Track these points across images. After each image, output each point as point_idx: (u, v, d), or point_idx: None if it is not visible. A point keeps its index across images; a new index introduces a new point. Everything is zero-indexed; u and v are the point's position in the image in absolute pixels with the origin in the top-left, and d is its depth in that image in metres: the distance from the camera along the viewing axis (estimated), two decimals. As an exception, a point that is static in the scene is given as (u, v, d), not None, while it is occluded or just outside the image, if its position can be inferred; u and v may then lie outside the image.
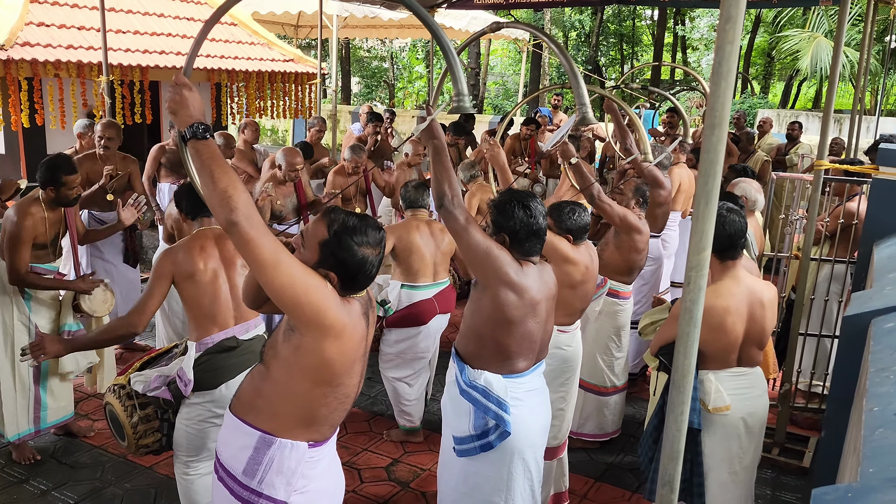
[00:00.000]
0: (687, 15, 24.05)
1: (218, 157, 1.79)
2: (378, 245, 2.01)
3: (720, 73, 1.44)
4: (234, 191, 1.75)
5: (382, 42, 25.61)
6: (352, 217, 2.00)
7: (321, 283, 1.93)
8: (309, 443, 2.11)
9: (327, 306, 1.92)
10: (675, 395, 1.59)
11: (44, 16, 6.95)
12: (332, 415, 2.13)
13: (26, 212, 3.68)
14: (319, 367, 2.00)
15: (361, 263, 1.98)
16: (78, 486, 3.69)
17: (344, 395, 2.12)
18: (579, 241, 3.37)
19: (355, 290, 2.06)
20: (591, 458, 4.17)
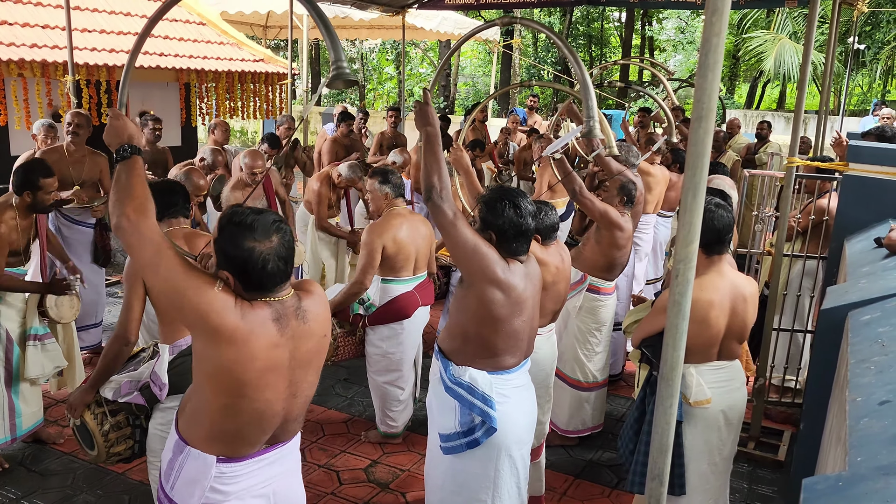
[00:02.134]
0: (655, 17, 24.34)
1: (139, 172, 1.98)
2: (269, 237, 1.86)
3: (706, 64, 1.44)
4: (145, 201, 1.91)
5: (353, 43, 25.50)
6: (242, 211, 1.90)
7: (204, 285, 1.83)
8: (218, 457, 1.99)
9: (210, 309, 1.81)
10: (663, 387, 1.60)
11: (6, 14, 6.78)
12: (244, 430, 1.97)
13: (0, 219, 3.60)
14: (216, 375, 1.89)
15: (248, 258, 1.83)
16: (48, 493, 3.60)
17: (256, 410, 1.93)
18: (548, 241, 3.35)
19: (261, 291, 1.90)
20: (570, 456, 4.18)
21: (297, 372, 1.98)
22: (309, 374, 2.04)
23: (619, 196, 4.13)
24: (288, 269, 1.92)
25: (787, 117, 18.24)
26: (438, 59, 19.92)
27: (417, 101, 2.63)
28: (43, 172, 3.64)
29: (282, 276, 1.91)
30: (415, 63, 26.00)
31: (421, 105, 2.57)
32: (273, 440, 2.08)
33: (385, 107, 13.71)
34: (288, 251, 1.91)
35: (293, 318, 1.95)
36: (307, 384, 2.05)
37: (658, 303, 2.81)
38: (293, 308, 1.96)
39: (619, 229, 4.01)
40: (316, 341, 2.02)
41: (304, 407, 2.10)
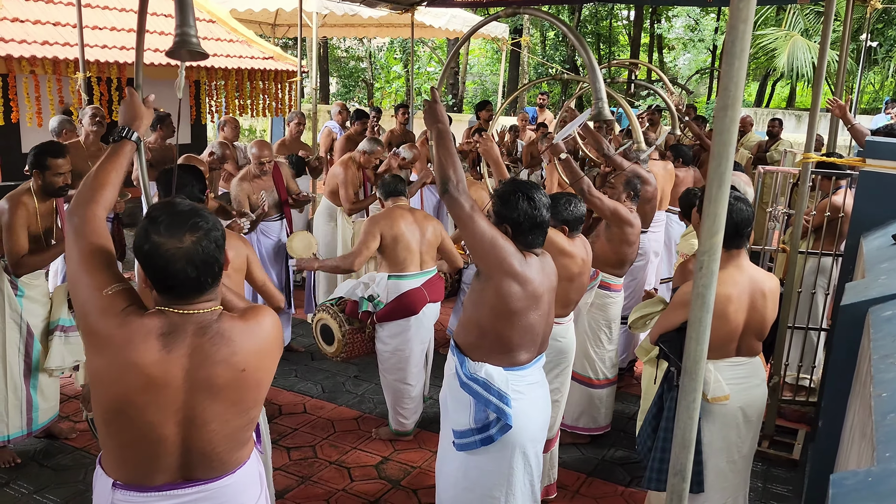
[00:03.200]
0: (664, 15, 24.25)
1: (115, 159, 1.92)
2: (179, 237, 1.64)
3: (733, 52, 1.41)
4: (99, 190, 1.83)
5: (360, 41, 25.50)
6: (166, 203, 1.73)
7: (95, 284, 1.68)
8: (115, 481, 1.76)
9: (89, 310, 1.67)
10: (686, 381, 1.57)
11: (18, 11, 6.80)
12: (130, 453, 1.73)
13: (18, 201, 3.61)
14: (94, 384, 1.71)
15: (151, 254, 1.64)
16: (61, 488, 3.60)
17: (138, 431, 1.69)
18: (574, 233, 3.37)
19: (170, 296, 1.70)
20: (582, 454, 4.15)
21: (195, 396, 1.69)
22: (216, 405, 1.72)
23: (625, 191, 4.14)
24: (201, 278, 1.68)
25: (798, 115, 18.14)
26: (447, 57, 19.91)
27: (426, 99, 2.63)
28: (52, 153, 3.63)
29: (195, 284, 1.67)
30: (423, 62, 26.00)
31: (430, 103, 2.60)
32: (186, 474, 1.78)
33: (393, 105, 13.71)
34: (205, 257, 1.66)
35: (194, 334, 1.68)
36: (214, 416, 1.73)
37: (676, 297, 2.78)
38: (202, 325, 1.70)
39: (630, 225, 3.99)
40: (227, 372, 1.70)
41: (219, 442, 1.77)
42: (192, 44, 2.17)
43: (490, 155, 3.38)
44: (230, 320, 1.74)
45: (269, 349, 1.81)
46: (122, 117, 2.03)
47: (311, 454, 4.03)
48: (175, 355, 1.67)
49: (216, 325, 1.71)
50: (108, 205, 1.84)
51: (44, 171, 3.62)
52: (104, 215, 1.82)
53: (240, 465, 1.86)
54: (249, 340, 1.75)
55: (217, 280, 1.73)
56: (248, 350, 1.74)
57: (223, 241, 1.73)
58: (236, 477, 1.85)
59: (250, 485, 1.91)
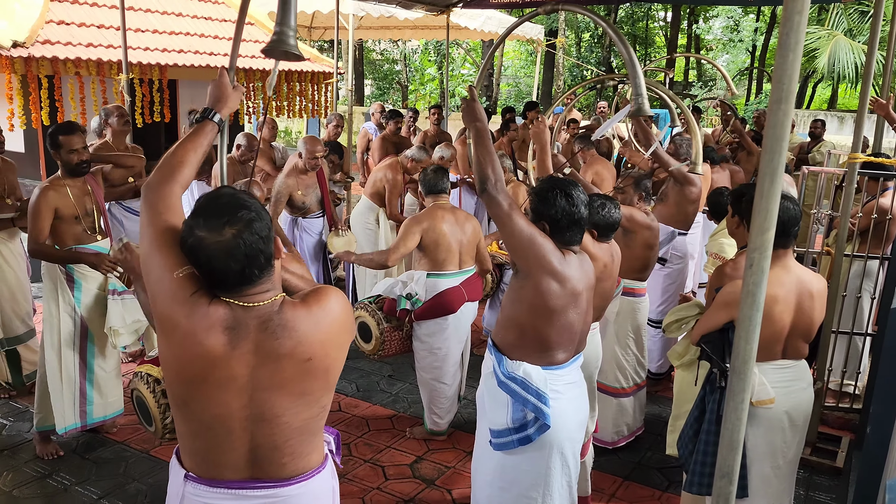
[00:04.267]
0: (701, 15, 23.94)
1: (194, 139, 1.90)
2: (220, 230, 1.59)
3: (787, 45, 1.38)
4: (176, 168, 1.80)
5: (395, 44, 25.64)
6: (213, 194, 1.69)
7: (169, 266, 1.65)
8: (187, 472, 1.76)
9: (158, 292, 1.65)
10: (735, 381, 1.54)
11: (64, 14, 6.95)
12: (199, 443, 1.71)
13: (47, 186, 3.69)
14: (164, 369, 1.70)
15: (195, 248, 1.60)
16: (101, 481, 3.66)
17: (204, 423, 1.68)
18: (604, 238, 3.29)
19: (218, 289, 1.65)
20: (619, 458, 4.10)
21: (262, 394, 1.66)
22: (284, 399, 1.67)
23: (636, 193, 4.02)
24: (249, 272, 1.62)
25: (841, 117, 17.74)
26: (481, 59, 19.91)
27: (464, 98, 2.63)
28: (63, 131, 3.68)
29: (239, 277, 1.61)
30: (457, 64, 26.03)
31: (468, 102, 2.60)
32: (255, 472, 1.73)
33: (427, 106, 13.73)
34: (251, 250, 1.60)
35: (258, 330, 1.64)
36: (284, 409, 1.69)
37: (720, 297, 2.73)
38: (263, 319, 1.65)
39: (648, 229, 3.93)
40: (293, 364, 1.66)
41: (291, 435, 1.72)
42: (287, 44, 2.14)
43: (540, 138, 3.33)
44: (292, 308, 1.68)
45: (336, 333, 1.73)
46: (209, 97, 2.02)
47: (345, 452, 4.04)
48: (239, 352, 1.63)
49: (277, 316, 1.66)
50: (186, 183, 1.81)
51: (58, 150, 3.68)
52: (181, 193, 1.79)
53: (312, 470, 1.80)
54: (314, 327, 1.68)
55: (266, 271, 1.66)
56: (312, 338, 1.67)
57: (269, 231, 1.65)
58: (309, 486, 1.79)
59: (323, 498, 1.85)
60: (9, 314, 4.46)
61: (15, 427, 4.16)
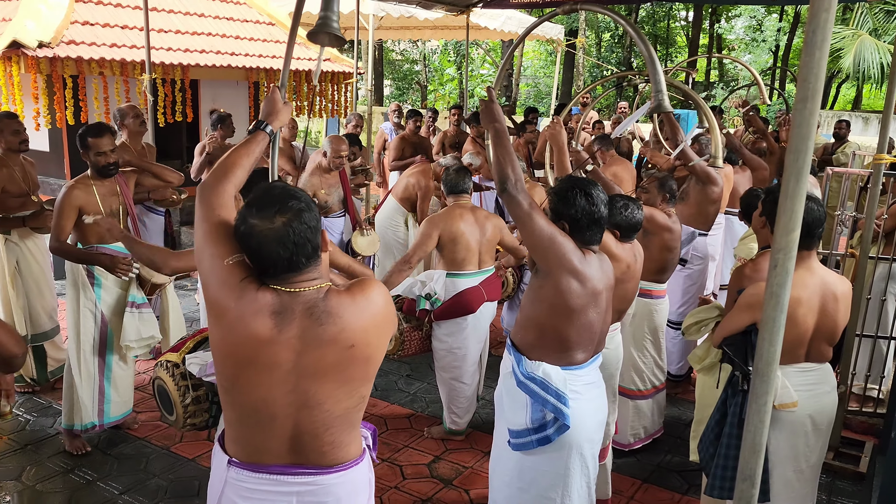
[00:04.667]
0: (724, 15, 23.73)
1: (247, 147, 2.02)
2: (271, 218, 1.68)
3: (814, 42, 1.36)
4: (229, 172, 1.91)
5: (415, 44, 25.68)
6: (266, 186, 1.79)
7: (220, 254, 1.74)
8: (231, 458, 1.82)
9: (210, 278, 1.74)
10: (758, 384, 1.52)
11: (88, 15, 7.04)
12: (244, 429, 1.78)
13: (73, 185, 3.73)
14: (213, 352, 1.80)
15: (246, 235, 1.69)
16: (122, 477, 3.70)
17: (250, 407, 1.75)
18: (626, 239, 3.27)
19: (266, 276, 1.73)
20: (638, 460, 4.07)
21: (306, 380, 1.72)
22: (326, 385, 1.73)
23: (660, 194, 3.98)
24: (296, 259, 1.70)
25: (865, 118, 17.50)
26: (501, 59, 19.87)
27: (483, 99, 2.63)
28: (92, 133, 3.71)
29: (288, 264, 1.70)
30: (476, 64, 26.02)
31: (487, 103, 2.60)
32: (296, 458, 1.79)
33: (446, 107, 13.77)
34: (299, 238, 1.69)
35: (303, 316, 1.70)
36: (326, 396, 1.75)
37: (742, 299, 2.70)
38: (309, 305, 1.71)
39: (668, 231, 3.88)
40: (336, 350, 1.71)
41: (332, 423, 1.78)
42: (331, 27, 2.27)
43: (556, 140, 3.33)
44: (337, 296, 1.75)
45: (379, 323, 1.80)
46: (262, 111, 2.17)
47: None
48: (285, 336, 1.69)
49: (323, 303, 1.72)
50: (239, 184, 1.92)
51: (87, 151, 3.71)
52: (233, 193, 1.89)
53: (352, 461, 1.85)
54: (357, 316, 1.74)
55: (313, 260, 1.74)
56: (355, 326, 1.73)
57: (317, 222, 1.75)
58: (348, 476, 1.84)
59: (362, 489, 1.91)
60: (37, 310, 4.52)
61: (38, 422, 4.22)
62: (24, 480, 3.64)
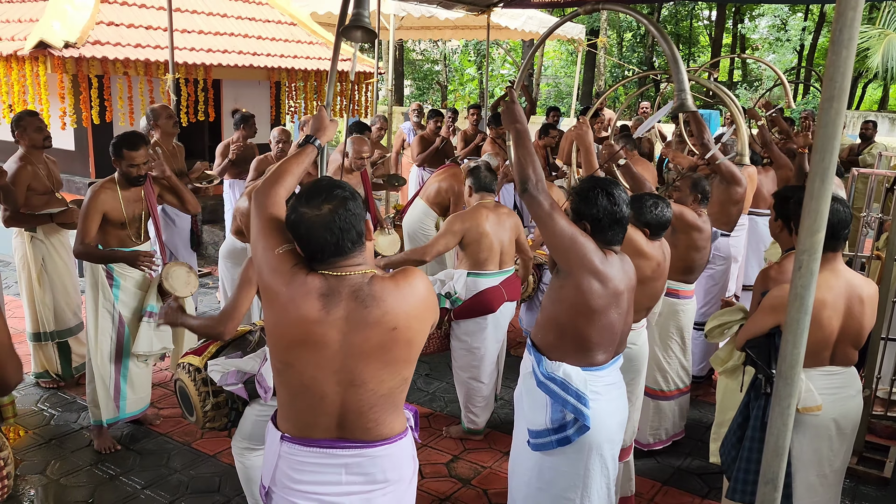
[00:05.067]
0: (747, 14, 23.48)
1: (298, 158, 2.17)
2: (319, 206, 1.83)
3: (840, 41, 1.34)
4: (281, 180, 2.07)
5: (435, 44, 25.70)
6: (316, 179, 1.98)
7: (273, 244, 1.90)
8: (283, 434, 1.96)
9: (263, 266, 1.90)
10: (781, 387, 1.50)
11: (114, 15, 7.13)
12: (296, 405, 1.92)
13: (99, 188, 3.76)
14: (268, 336, 1.95)
15: (296, 223, 1.85)
16: (145, 472, 3.74)
17: (302, 385, 1.88)
18: (655, 237, 3.26)
19: (314, 260, 1.87)
20: (658, 462, 4.04)
21: (352, 359, 1.84)
22: (371, 366, 1.86)
23: (692, 194, 3.94)
24: (342, 244, 1.84)
25: (892, 118, 17.25)
26: (521, 59, 19.82)
27: (504, 99, 2.62)
28: (128, 145, 3.72)
29: (334, 248, 1.83)
30: (496, 64, 25.98)
31: (508, 103, 2.59)
32: (343, 433, 1.92)
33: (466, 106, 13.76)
34: (345, 224, 1.83)
35: (349, 298, 1.83)
36: (371, 376, 1.87)
37: (766, 301, 2.67)
38: (355, 288, 1.84)
39: (698, 230, 3.85)
40: (380, 332, 1.83)
41: (375, 402, 1.90)
42: (364, 21, 2.44)
43: (584, 140, 3.32)
44: (381, 281, 1.87)
45: (421, 310, 1.91)
46: (310, 127, 2.36)
47: None
48: (333, 317, 1.82)
49: (367, 287, 1.85)
50: (289, 190, 2.08)
51: (120, 160, 3.74)
52: (285, 196, 2.05)
53: (395, 436, 1.97)
54: (400, 300, 1.86)
55: (358, 245, 1.88)
56: (398, 310, 1.85)
57: (361, 210, 1.89)
58: (392, 449, 1.96)
59: (406, 462, 2.03)
60: (62, 306, 4.59)
61: (62, 417, 4.28)
62: (49, 474, 3.69)
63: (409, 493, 2.09)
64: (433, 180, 5.93)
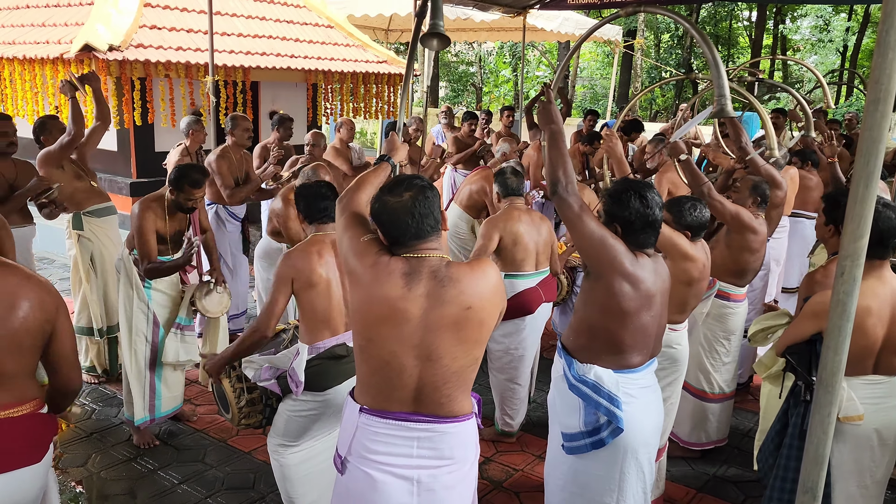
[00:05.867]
0: (788, 14, 23.04)
1: (375, 173, 2.43)
2: (400, 194, 2.04)
3: (887, 42, 1.32)
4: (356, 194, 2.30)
5: (470, 46, 25.71)
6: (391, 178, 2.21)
7: (357, 234, 2.12)
8: (362, 406, 2.10)
9: (349, 252, 2.10)
10: (821, 395, 1.48)
11: (156, 19, 7.27)
12: (375, 378, 2.06)
13: (147, 206, 3.84)
14: (351, 315, 2.11)
15: (380, 209, 2.06)
16: (182, 467, 3.81)
17: (381, 359, 2.03)
18: (696, 239, 3.23)
19: (397, 245, 2.06)
20: (692, 469, 3.99)
21: (430, 334, 2.00)
22: (446, 341, 2.01)
23: (751, 196, 3.89)
24: (422, 227, 2.03)
25: (939, 121, 16.75)
26: (557, 60, 19.72)
27: (541, 99, 2.62)
28: (191, 182, 3.81)
29: (415, 231, 2.02)
30: (532, 65, 25.89)
31: (544, 104, 2.60)
32: (418, 407, 2.06)
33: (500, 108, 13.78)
34: (424, 210, 2.03)
35: (429, 277, 2.01)
36: (445, 352, 2.02)
37: (808, 307, 2.62)
38: (434, 269, 2.02)
39: (753, 232, 3.79)
40: (455, 310, 2.00)
41: (449, 378, 2.05)
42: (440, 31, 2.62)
43: (613, 152, 3.32)
44: (457, 266, 2.06)
45: (492, 294, 2.08)
46: (384, 148, 2.62)
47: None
48: (414, 294, 1.99)
49: (445, 269, 2.03)
50: (368, 198, 2.24)
51: (179, 192, 3.83)
52: (365, 202, 2.25)
53: (464, 415, 2.11)
54: (474, 283, 2.04)
55: (436, 230, 2.07)
56: (472, 291, 2.03)
57: (438, 200, 2.09)
58: (461, 427, 2.11)
59: (470, 443, 2.17)
60: (111, 302, 4.70)
61: (103, 412, 4.38)
62: (90, 467, 3.79)
63: (472, 475, 2.21)
64: (465, 184, 5.95)
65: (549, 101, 2.60)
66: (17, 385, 2.12)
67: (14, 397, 2.11)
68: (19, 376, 2.12)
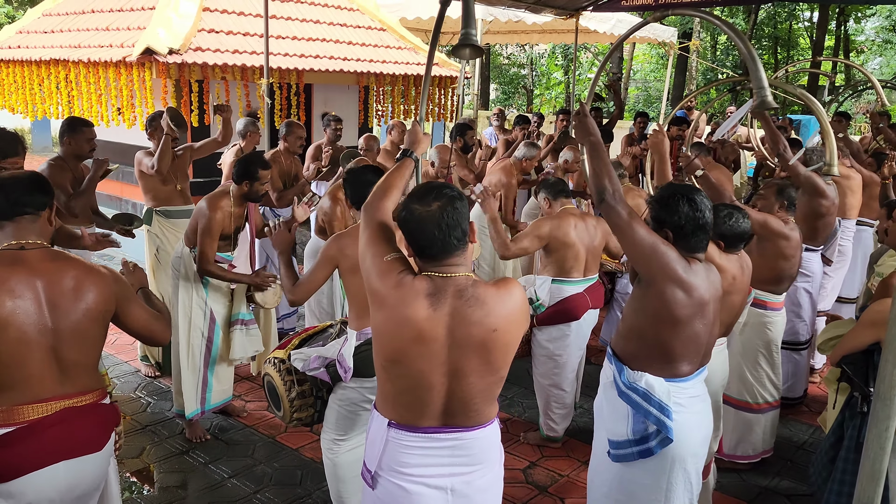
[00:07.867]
0: (852, 15, 22.30)
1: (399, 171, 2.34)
2: (429, 203, 1.96)
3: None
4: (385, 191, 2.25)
5: (522, 48, 25.63)
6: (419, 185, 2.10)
7: (380, 253, 2.05)
8: (390, 421, 2.07)
9: (370, 273, 2.04)
10: (879, 408, 1.43)
11: (214, 23, 7.46)
12: (404, 397, 2.04)
13: (217, 205, 3.93)
14: (376, 336, 2.06)
15: (407, 219, 1.98)
16: (232, 461, 3.90)
17: (410, 377, 2.00)
18: (732, 249, 3.09)
19: (424, 257, 2.00)
20: (743, 480, 3.90)
21: (456, 352, 1.97)
22: (473, 361, 1.98)
23: (777, 201, 3.76)
24: (448, 239, 1.96)
25: None
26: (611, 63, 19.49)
27: (577, 114, 2.60)
28: (261, 164, 3.96)
29: (441, 244, 1.95)
30: (584, 68, 25.66)
31: (580, 118, 2.60)
32: (447, 420, 2.04)
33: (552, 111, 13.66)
34: (451, 221, 1.95)
35: (454, 297, 1.96)
36: (472, 370, 1.99)
37: (865, 316, 2.54)
38: (459, 288, 1.97)
39: (784, 238, 3.68)
40: (482, 331, 1.95)
41: (476, 394, 2.03)
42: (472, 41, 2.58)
43: (658, 149, 3.26)
44: (484, 287, 2.01)
45: (517, 316, 2.04)
46: (406, 142, 2.52)
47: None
48: (440, 314, 1.95)
49: (471, 289, 1.98)
50: (394, 202, 2.24)
51: (253, 180, 3.93)
52: (391, 207, 2.22)
53: (490, 421, 2.11)
54: (500, 305, 1.98)
55: (463, 243, 1.99)
56: (498, 313, 1.97)
57: (466, 210, 2.01)
58: (486, 432, 2.11)
59: (495, 444, 2.17)
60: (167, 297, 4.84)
61: (158, 405, 4.51)
62: (144, 459, 3.90)
63: (500, 476, 2.22)
64: (486, 178, 5.95)
65: (584, 114, 2.59)
66: (81, 375, 2.20)
67: (78, 388, 2.19)
68: (83, 367, 2.21)
